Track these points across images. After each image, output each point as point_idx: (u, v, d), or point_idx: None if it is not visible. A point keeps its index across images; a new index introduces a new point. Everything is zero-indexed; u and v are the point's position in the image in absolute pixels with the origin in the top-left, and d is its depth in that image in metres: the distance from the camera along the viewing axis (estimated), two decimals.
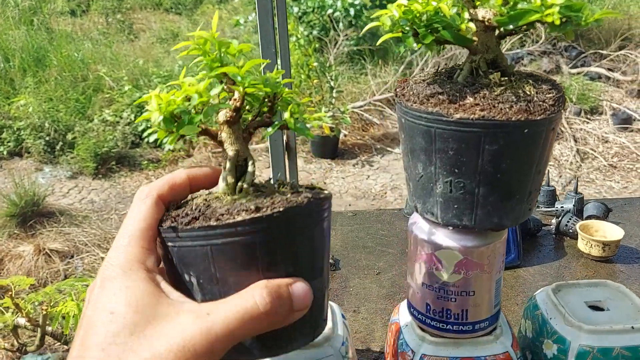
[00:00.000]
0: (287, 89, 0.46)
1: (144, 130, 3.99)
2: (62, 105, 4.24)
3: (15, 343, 1.31)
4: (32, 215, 3.07)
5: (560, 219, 0.99)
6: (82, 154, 3.76)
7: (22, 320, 1.56)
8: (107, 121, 4.13)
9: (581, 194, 1.03)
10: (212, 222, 0.38)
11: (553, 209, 1.03)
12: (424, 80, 0.55)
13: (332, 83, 3.92)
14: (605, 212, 1.00)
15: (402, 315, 0.68)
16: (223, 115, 0.43)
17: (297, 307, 0.39)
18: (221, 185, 0.44)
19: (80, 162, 3.76)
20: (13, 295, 1.15)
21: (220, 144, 0.44)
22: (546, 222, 1.03)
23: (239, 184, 0.43)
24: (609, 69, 4.43)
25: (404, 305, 0.70)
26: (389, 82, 4.37)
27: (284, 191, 0.42)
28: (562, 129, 3.74)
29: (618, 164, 3.45)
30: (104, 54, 5.11)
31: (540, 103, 0.50)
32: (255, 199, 0.40)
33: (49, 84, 4.53)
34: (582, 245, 0.93)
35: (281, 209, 0.38)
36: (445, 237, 0.59)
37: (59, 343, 1.70)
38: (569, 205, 1.01)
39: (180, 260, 0.40)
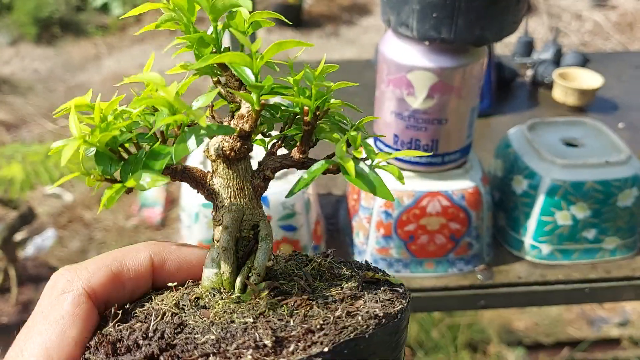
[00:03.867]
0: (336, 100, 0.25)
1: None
2: None
3: None
4: None
5: (536, 67, 0.93)
6: (21, 18, 3.46)
7: None
8: None
9: (560, 44, 0.96)
10: None
11: (530, 60, 0.97)
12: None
13: None
14: (583, 63, 0.95)
15: None
16: (218, 144, 0.24)
17: None
18: (209, 274, 0.25)
19: (20, 27, 3.47)
20: None
21: (211, 196, 0.26)
22: (522, 73, 0.97)
23: (241, 275, 0.25)
24: None
25: (369, 142, 0.65)
26: None
27: (327, 291, 0.25)
28: (537, 3, 3.60)
29: (590, 42, 3.39)
30: None
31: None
32: (272, 313, 0.23)
33: None
34: (558, 93, 0.88)
35: (326, 349, 0.21)
36: (419, 57, 0.52)
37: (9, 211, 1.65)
38: (547, 55, 0.95)
39: None
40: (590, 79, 0.87)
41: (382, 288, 0.25)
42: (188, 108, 0.21)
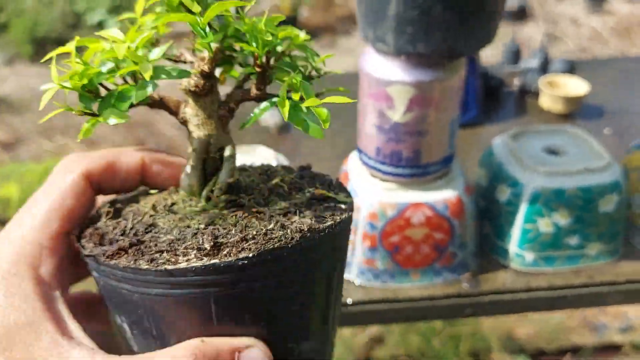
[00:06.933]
0: (292, 42, 0.28)
1: (85, 12, 3.69)
2: None
3: None
4: None
5: (523, 75, 0.95)
6: (17, 36, 3.50)
7: None
8: (42, 0, 3.81)
9: (547, 51, 0.97)
10: (143, 264, 0.25)
11: (517, 68, 0.98)
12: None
13: None
14: (571, 70, 0.96)
15: (352, 164, 0.65)
16: (187, 82, 0.29)
17: None
18: (183, 183, 0.30)
19: (16, 45, 3.51)
20: None
21: (184, 123, 0.30)
22: (509, 81, 0.98)
23: (207, 188, 0.30)
24: None
25: (353, 154, 0.66)
26: None
27: (277, 207, 0.28)
28: (533, 11, 3.62)
29: (587, 47, 3.40)
30: None
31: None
32: (223, 222, 0.27)
33: None
34: (545, 101, 0.89)
35: (252, 255, 0.25)
36: (398, 71, 0.54)
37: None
38: (534, 62, 0.96)
39: (107, 297, 0.29)
40: (576, 86, 0.88)
41: (325, 205, 0.29)
42: (141, 60, 0.25)
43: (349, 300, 0.60)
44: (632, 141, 0.72)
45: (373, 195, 0.59)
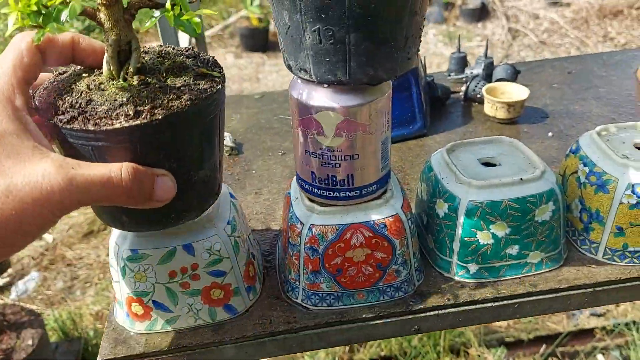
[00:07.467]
0: None
1: None
2: None
3: None
4: None
5: (468, 84, 0.96)
6: None
7: None
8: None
9: (491, 57, 0.99)
10: (91, 127, 0.39)
11: (463, 76, 0.99)
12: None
13: None
14: (514, 74, 0.98)
15: (293, 188, 0.65)
16: None
17: (156, 197, 0.42)
18: (105, 68, 0.43)
19: None
20: None
21: (100, 25, 0.42)
22: (457, 89, 0.99)
23: (123, 71, 0.42)
24: None
25: (295, 178, 0.66)
26: None
27: (173, 84, 0.42)
28: (494, 7, 3.68)
29: (548, 40, 3.46)
30: None
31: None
32: (138, 96, 0.40)
33: None
34: (488, 108, 0.91)
35: (160, 117, 0.39)
36: (323, 98, 0.54)
37: None
38: (478, 70, 0.97)
39: (65, 148, 0.41)
40: (517, 92, 0.89)
41: (206, 79, 0.43)
42: None
43: (296, 326, 0.60)
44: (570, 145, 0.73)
45: (312, 219, 0.60)
